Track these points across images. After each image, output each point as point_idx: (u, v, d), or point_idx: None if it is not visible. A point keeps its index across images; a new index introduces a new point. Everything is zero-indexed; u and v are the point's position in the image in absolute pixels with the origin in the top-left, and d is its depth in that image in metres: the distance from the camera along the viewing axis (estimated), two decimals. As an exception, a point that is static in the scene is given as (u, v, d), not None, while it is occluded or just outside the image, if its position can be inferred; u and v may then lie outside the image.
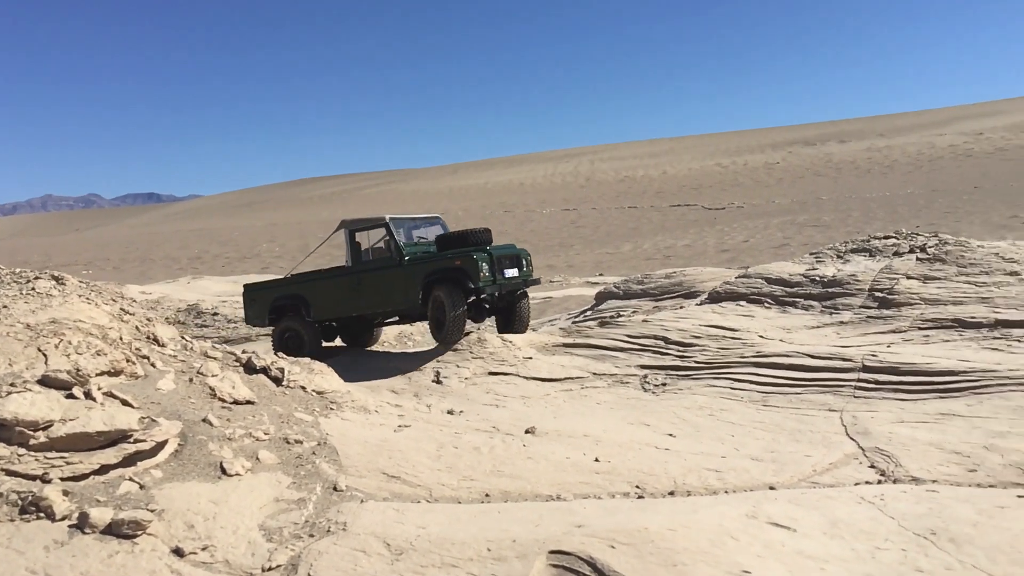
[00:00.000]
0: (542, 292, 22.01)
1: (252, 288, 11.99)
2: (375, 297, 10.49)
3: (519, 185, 63.70)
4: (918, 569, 4.19)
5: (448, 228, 11.27)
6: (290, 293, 11.14)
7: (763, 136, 73.32)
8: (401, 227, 10.72)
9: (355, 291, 10.57)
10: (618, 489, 5.63)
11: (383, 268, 10.39)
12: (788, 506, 5.03)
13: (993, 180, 43.26)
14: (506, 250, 10.43)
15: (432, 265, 10.05)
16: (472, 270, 9.72)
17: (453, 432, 6.77)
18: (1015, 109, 64.44)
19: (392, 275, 10.29)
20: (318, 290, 10.96)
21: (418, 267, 10.13)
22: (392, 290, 10.31)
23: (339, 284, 10.77)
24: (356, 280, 10.55)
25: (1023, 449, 5.98)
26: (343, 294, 10.71)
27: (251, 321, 11.85)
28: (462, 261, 9.76)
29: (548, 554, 4.35)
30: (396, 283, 10.26)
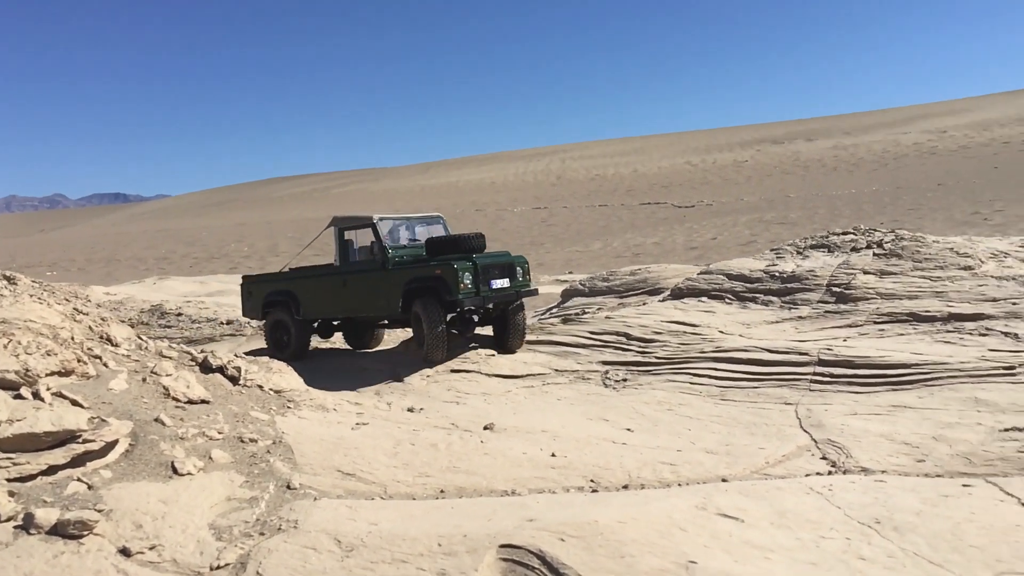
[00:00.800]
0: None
1: (249, 281, 11.79)
2: (359, 300, 10.14)
3: (490, 184, 63.69)
4: (860, 557, 4.26)
5: (450, 229, 10.79)
6: (282, 289, 10.94)
7: (732, 134, 73.96)
8: (392, 227, 10.27)
9: (341, 292, 10.27)
10: (573, 483, 5.67)
11: (367, 271, 10.02)
12: (738, 497, 5.09)
13: (956, 177, 43.96)
14: (496, 258, 9.83)
15: (412, 272, 9.57)
16: (451, 280, 9.16)
17: (411, 429, 6.77)
18: (977, 107, 65.56)
19: (375, 279, 9.91)
20: (307, 288, 10.70)
21: (399, 273, 9.66)
22: (374, 295, 9.92)
23: (327, 283, 10.50)
24: (342, 281, 10.25)
25: (970, 439, 6.11)
26: (330, 294, 10.42)
27: (247, 314, 11.67)
28: (442, 270, 9.25)
29: (498, 548, 4.37)
30: (378, 288, 9.86)
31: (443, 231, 10.67)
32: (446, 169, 78.52)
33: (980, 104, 67.92)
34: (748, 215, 39.67)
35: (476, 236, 9.82)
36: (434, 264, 9.43)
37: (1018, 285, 9.18)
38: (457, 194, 59.78)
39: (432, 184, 67.84)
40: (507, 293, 9.66)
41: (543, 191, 58.83)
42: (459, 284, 9.13)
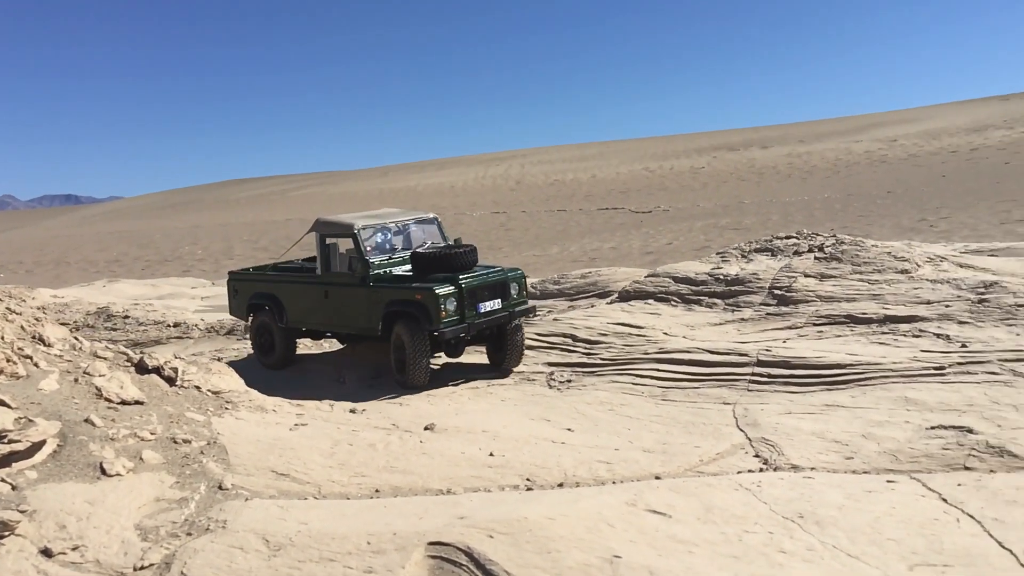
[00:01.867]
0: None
1: (236, 277, 10.72)
2: (339, 315, 9.30)
3: (450, 188, 63.63)
4: (781, 550, 4.36)
5: (444, 231, 9.91)
6: (266, 292, 10.00)
7: (689, 141, 74.80)
8: (379, 235, 9.33)
9: (323, 303, 9.38)
10: (509, 482, 5.70)
11: (347, 285, 9.11)
12: (668, 494, 5.16)
13: (905, 185, 44.93)
14: (485, 277, 8.86)
15: (393, 294, 8.74)
16: (432, 307, 8.33)
17: (351, 430, 6.75)
18: (927, 117, 67.13)
19: (355, 295, 9.02)
20: (292, 293, 9.77)
21: (381, 292, 8.81)
22: (354, 312, 9.08)
23: (310, 292, 9.56)
24: (324, 291, 9.36)
25: (898, 437, 6.26)
26: (313, 304, 9.52)
27: (233, 312, 10.79)
28: (422, 295, 8.42)
29: (427, 545, 4.39)
30: (358, 305, 9.01)
31: (438, 233, 9.79)
32: (406, 173, 78.29)
33: (929, 114, 69.59)
34: (704, 220, 40.14)
35: (466, 251, 8.89)
36: (415, 287, 8.59)
37: (952, 288, 9.43)
38: (416, 198, 59.61)
39: (391, 187, 67.55)
40: (498, 316, 8.80)
41: (502, 195, 58.95)
42: (440, 312, 8.30)
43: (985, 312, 8.70)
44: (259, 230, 49.59)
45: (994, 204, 33.16)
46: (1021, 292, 8.96)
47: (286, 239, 42.76)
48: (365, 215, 9.74)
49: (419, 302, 8.45)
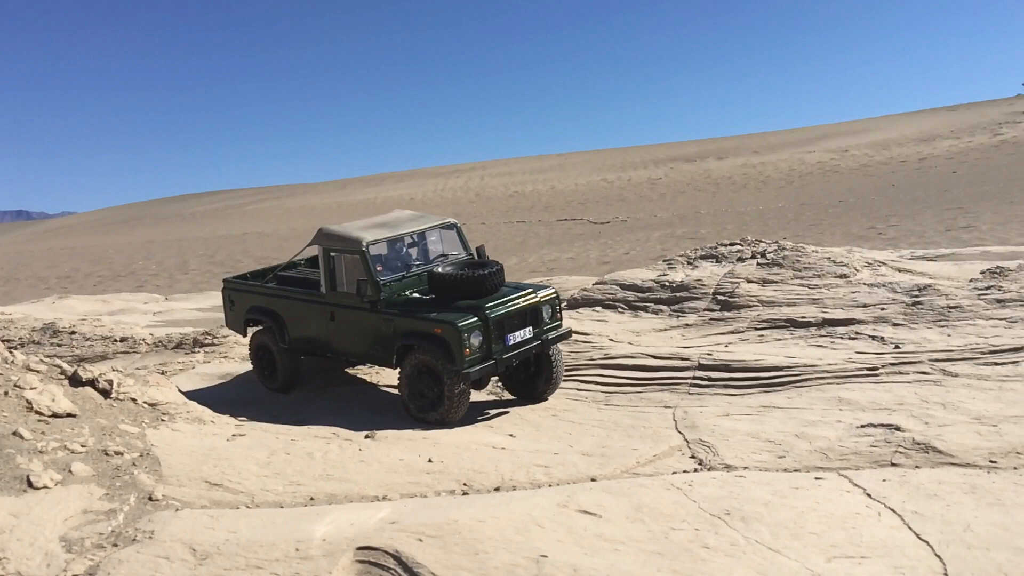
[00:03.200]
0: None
1: (231, 286, 9.41)
2: (347, 339, 8.18)
3: (409, 200, 63.45)
4: (705, 546, 4.44)
5: (465, 238, 8.75)
6: (265, 307, 8.79)
7: (646, 152, 75.53)
8: (391, 250, 8.19)
9: (329, 326, 8.23)
10: (445, 487, 5.72)
11: (356, 308, 7.92)
12: (601, 495, 5.22)
13: (856, 194, 45.83)
14: (515, 305, 7.69)
15: (409, 325, 7.60)
16: (454, 344, 7.22)
17: (289, 439, 6.71)
18: (877, 127, 68.62)
19: (364, 321, 7.90)
20: (294, 311, 8.54)
21: (394, 321, 7.68)
22: (364, 338, 8.00)
23: (314, 312, 8.36)
24: (329, 313, 8.19)
25: (829, 436, 6.40)
26: (317, 325, 8.34)
27: (230, 325, 9.60)
28: (443, 330, 7.30)
29: (356, 550, 4.39)
30: (368, 332, 7.92)
31: (457, 241, 8.62)
32: (364, 185, 77.93)
33: (880, 124, 71.14)
34: (661, 230, 40.53)
35: (492, 272, 7.72)
36: (433, 320, 7.45)
37: (888, 292, 9.66)
38: (375, 210, 59.33)
39: (350, 200, 67.19)
40: (530, 347, 7.76)
41: (461, 207, 58.97)
42: (464, 349, 7.21)
43: (919, 314, 8.93)
44: (215, 244, 48.99)
45: (941, 212, 33.94)
46: (953, 294, 9.21)
47: (242, 253, 42.34)
48: (374, 224, 8.46)
49: (439, 336, 7.33)
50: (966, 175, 45.84)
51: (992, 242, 23.64)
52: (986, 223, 28.03)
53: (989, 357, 7.64)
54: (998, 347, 7.78)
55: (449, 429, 7.27)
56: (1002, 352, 7.69)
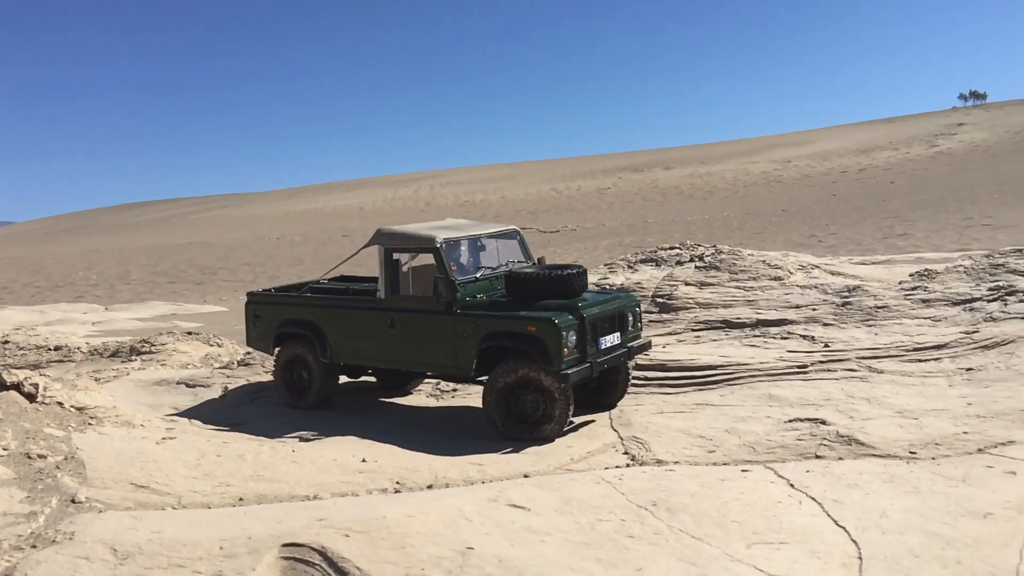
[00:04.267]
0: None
1: (258, 299, 8.72)
2: (412, 349, 7.45)
3: (359, 209, 63.10)
4: (630, 535, 4.50)
5: (527, 246, 8.27)
6: (302, 319, 8.11)
7: (596, 163, 76.29)
8: (461, 251, 7.60)
9: (387, 335, 7.53)
10: (378, 486, 5.71)
11: (425, 313, 7.33)
12: (532, 490, 5.26)
13: (798, 204, 46.87)
14: (605, 305, 7.22)
15: (492, 323, 7.01)
16: (552, 344, 6.61)
17: (221, 442, 6.64)
18: (819, 139, 70.32)
19: (437, 325, 7.24)
20: (339, 321, 7.88)
21: (473, 321, 7.05)
22: (435, 346, 7.30)
23: (367, 320, 7.70)
24: (389, 321, 7.50)
25: (758, 431, 6.54)
26: (371, 335, 7.66)
27: (253, 343, 8.70)
28: (537, 327, 6.72)
29: (281, 547, 4.36)
30: (442, 337, 7.23)
31: (519, 250, 8.07)
32: (313, 194, 77.25)
33: (821, 136, 72.95)
34: (609, 239, 40.94)
35: (579, 273, 7.20)
36: (525, 317, 6.84)
37: (819, 293, 9.91)
38: (324, 220, 58.90)
39: (298, 210, 66.56)
40: (618, 354, 7.24)
41: (412, 217, 58.82)
42: (562, 349, 6.61)
43: (848, 314, 9.17)
44: (158, 254, 48.08)
45: (879, 220, 34.86)
46: (881, 295, 9.49)
47: (187, 263, 41.69)
48: (437, 226, 7.98)
49: (532, 336, 6.73)
50: (904, 185, 47.21)
51: (927, 249, 24.42)
52: (921, 231, 28.90)
53: (913, 354, 7.89)
54: (922, 344, 8.04)
55: (385, 430, 7.24)
56: (926, 349, 7.95)
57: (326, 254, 41.98)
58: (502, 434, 6.87)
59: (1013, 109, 69.64)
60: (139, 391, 9.28)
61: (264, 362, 9.41)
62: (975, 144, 55.66)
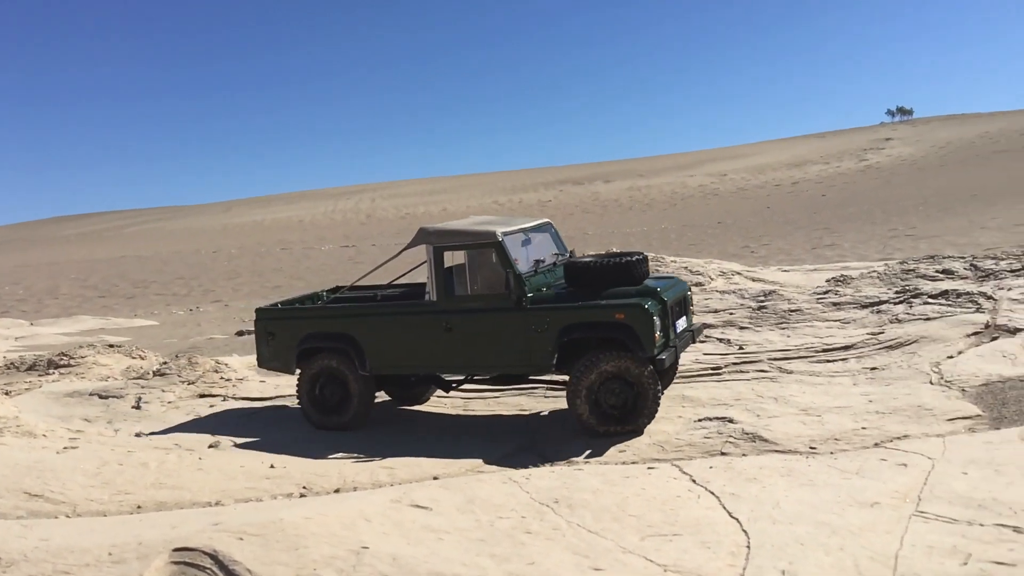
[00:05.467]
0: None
1: (269, 315, 7.95)
2: (476, 351, 7.10)
3: (298, 222, 62.44)
4: (528, 531, 4.53)
5: (560, 238, 8.04)
6: (332, 331, 7.53)
7: (537, 176, 76.89)
8: (517, 247, 7.24)
9: (443, 340, 7.11)
10: (284, 491, 5.65)
11: (490, 311, 6.99)
12: (437, 490, 5.26)
13: (734, 216, 47.85)
14: (675, 290, 7.10)
15: (572, 316, 6.74)
16: (643, 329, 6.46)
17: (126, 451, 6.49)
18: (754, 153, 72.01)
19: (506, 322, 6.91)
20: (379, 330, 7.34)
21: (549, 315, 6.78)
22: (504, 344, 6.96)
23: (416, 326, 7.22)
24: (444, 324, 7.10)
25: (668, 430, 6.65)
26: (422, 341, 7.20)
27: (266, 363, 7.95)
28: (626, 314, 6.53)
29: (172, 552, 4.28)
30: (512, 335, 6.91)
31: (552, 243, 7.78)
32: (251, 207, 76.18)
33: (756, 150, 74.73)
34: (548, 251, 41.17)
35: (641, 259, 7.06)
36: (611, 305, 6.64)
37: (737, 298, 10.14)
38: (262, 232, 58.12)
39: (236, 223, 65.54)
40: (687, 339, 7.18)
41: (352, 229, 58.43)
42: (653, 334, 6.46)
43: (763, 318, 9.40)
44: (89, 268, 46.84)
45: (809, 232, 35.77)
46: (795, 299, 9.75)
47: (119, 277, 40.69)
48: (484, 221, 7.71)
49: (620, 324, 6.57)
50: (834, 198, 48.58)
51: (852, 258, 25.14)
52: (849, 241, 29.75)
53: (822, 355, 8.12)
54: (831, 346, 8.28)
55: (300, 437, 7.16)
56: (834, 350, 8.19)
57: (264, 267, 41.39)
58: (593, 431, 6.67)
59: (938, 125, 72.34)
60: (49, 403, 9.01)
61: (180, 372, 9.23)
62: (902, 158, 57.59)
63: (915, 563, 3.98)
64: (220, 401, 8.75)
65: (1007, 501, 4.59)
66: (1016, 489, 4.76)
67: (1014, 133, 57.30)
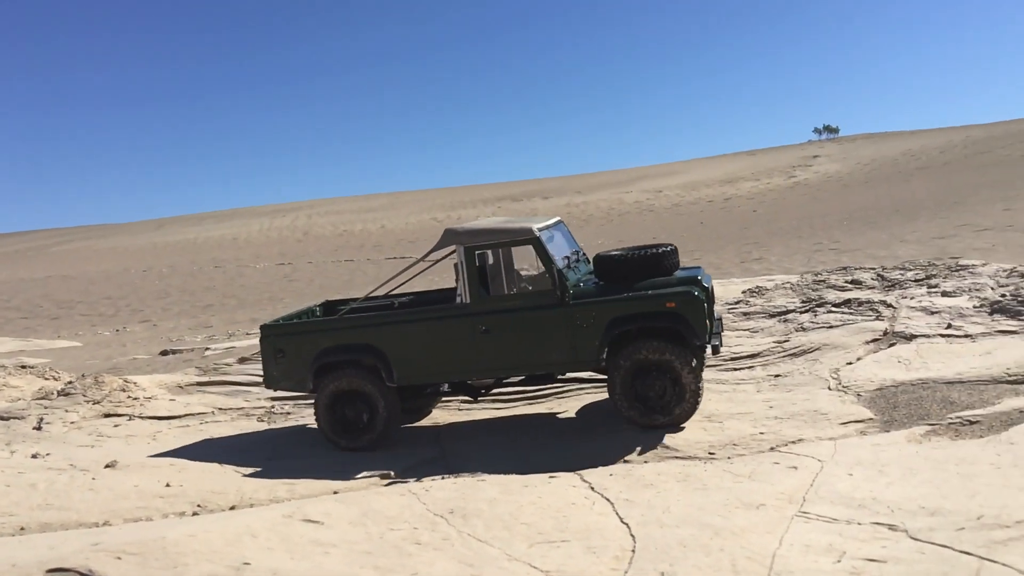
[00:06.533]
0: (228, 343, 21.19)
1: (276, 331, 7.42)
2: (515, 351, 6.89)
3: (232, 240, 61.39)
4: (417, 542, 4.51)
5: (572, 236, 7.92)
6: (352, 343, 7.17)
7: (476, 192, 77.05)
8: (553, 239, 7.16)
9: (478, 341, 6.90)
10: (178, 509, 5.52)
11: (530, 309, 6.84)
12: (333, 504, 5.19)
13: (668, 231, 48.56)
14: (707, 279, 7.12)
15: (620, 308, 6.66)
16: (695, 317, 6.49)
17: (16, 472, 6.27)
18: (688, 170, 73.41)
19: (550, 319, 6.78)
20: (406, 338, 7.04)
21: (595, 309, 6.69)
22: (550, 341, 6.82)
23: (448, 330, 6.98)
24: (479, 326, 6.89)
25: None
26: (455, 346, 6.96)
27: (275, 383, 7.47)
28: (677, 302, 6.54)
29: (45, 573, 4.13)
30: (557, 332, 6.78)
31: (564, 240, 7.58)
32: (183, 225, 74.66)
33: (690, 167, 76.18)
34: (485, 267, 41.25)
35: (671, 251, 7.09)
36: (658, 294, 6.62)
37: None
38: (195, 250, 56.96)
39: (167, 241, 64.13)
40: (719, 326, 7.25)
41: (288, 247, 57.66)
42: (704, 321, 6.53)
43: (676, 328, 9.54)
44: (11, 289, 45.24)
45: (740, 247, 36.52)
46: (709, 310, 9.91)
47: (43, 298, 39.39)
48: (512, 220, 7.64)
49: (671, 313, 6.55)
50: (764, 214, 49.76)
51: (778, 272, 25.72)
52: (776, 255, 30.46)
53: (729, 364, 8.28)
54: (738, 354, 8.45)
55: (203, 455, 7.01)
56: (741, 359, 8.36)
57: (195, 286, 40.54)
58: (636, 423, 6.68)
59: (863, 142, 74.76)
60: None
61: (86, 391, 8.95)
62: (829, 175, 59.29)
63: (790, 561, 4.08)
64: (126, 421, 8.52)
65: (886, 500, 4.74)
66: (896, 489, 4.92)
67: (934, 150, 59.49)
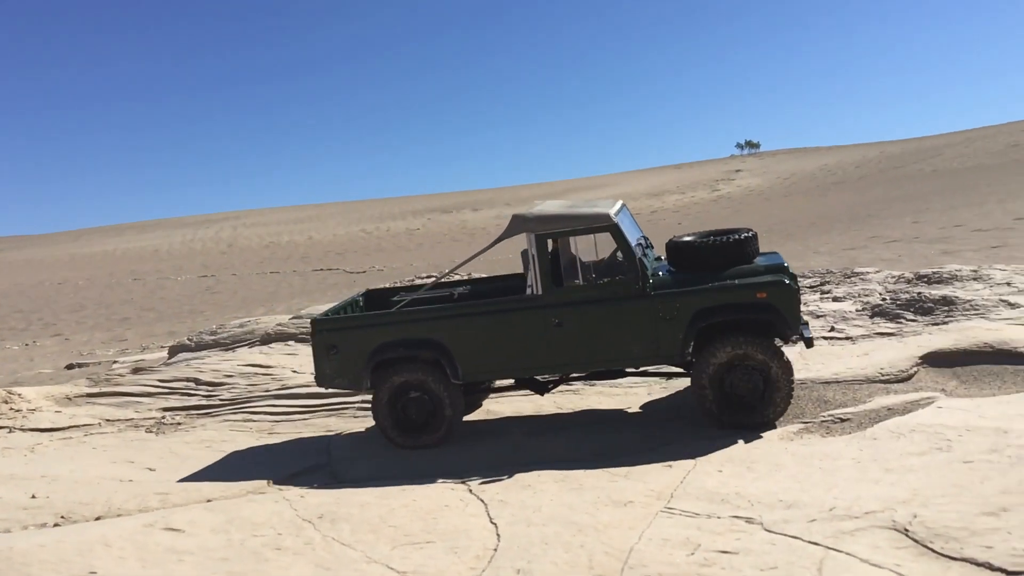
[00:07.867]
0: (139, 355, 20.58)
1: (329, 326, 6.93)
2: (592, 345, 6.50)
3: (153, 252, 59.80)
4: (277, 548, 4.44)
5: (635, 220, 7.47)
6: (412, 337, 6.73)
7: (405, 204, 76.71)
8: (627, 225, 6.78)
9: (552, 334, 6.51)
10: (40, 521, 5.31)
11: (611, 300, 6.43)
12: (200, 513, 5.08)
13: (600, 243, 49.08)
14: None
15: (706, 298, 6.30)
16: (788, 308, 6.16)
17: None
18: (615, 182, 74.49)
19: (632, 311, 6.39)
20: (472, 332, 6.64)
21: (679, 300, 6.31)
22: (631, 335, 6.43)
23: (518, 323, 6.57)
24: (552, 318, 6.49)
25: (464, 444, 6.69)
26: (525, 339, 6.57)
27: (328, 381, 6.99)
28: (768, 292, 6.19)
29: None
30: (639, 324, 6.40)
31: (631, 225, 7.22)
32: (102, 236, 72.42)
33: (617, 180, 77.33)
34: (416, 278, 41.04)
35: (752, 236, 6.66)
36: (748, 284, 6.26)
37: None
38: (114, 262, 55.26)
39: (85, 252, 62.08)
40: None
41: (212, 259, 56.40)
42: (799, 310, 6.25)
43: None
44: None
45: (663, 257, 37.09)
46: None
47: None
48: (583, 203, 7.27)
49: (762, 304, 6.18)
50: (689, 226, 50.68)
51: (697, 281, 26.33)
52: (696, 265, 31.16)
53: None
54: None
55: (81, 467, 6.78)
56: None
57: (113, 299, 39.31)
58: (723, 423, 6.30)
59: (783, 157, 77.01)
60: None
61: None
62: (750, 189, 60.86)
63: (646, 555, 4.13)
64: (7, 433, 8.19)
65: (748, 495, 4.85)
66: (761, 483, 5.04)
67: (849, 166, 61.61)
